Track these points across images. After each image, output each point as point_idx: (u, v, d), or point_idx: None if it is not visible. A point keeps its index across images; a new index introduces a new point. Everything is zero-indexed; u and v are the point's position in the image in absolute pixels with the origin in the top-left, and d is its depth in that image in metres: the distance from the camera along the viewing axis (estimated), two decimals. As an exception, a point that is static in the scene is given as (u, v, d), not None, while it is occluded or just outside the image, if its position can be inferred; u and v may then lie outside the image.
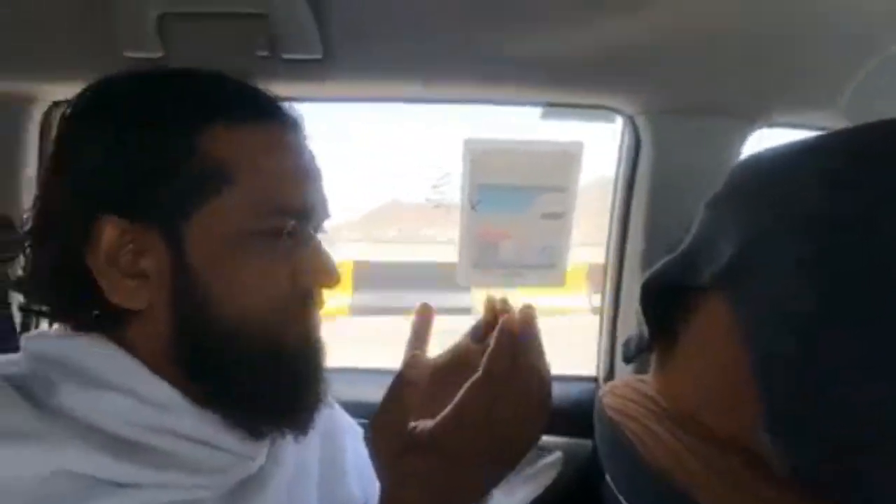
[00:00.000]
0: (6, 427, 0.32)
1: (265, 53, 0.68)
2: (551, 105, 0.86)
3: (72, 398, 0.35)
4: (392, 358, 0.47)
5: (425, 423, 0.38)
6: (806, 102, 0.78)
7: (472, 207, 0.50)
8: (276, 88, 0.74)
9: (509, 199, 0.53)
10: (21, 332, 0.86)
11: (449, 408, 0.37)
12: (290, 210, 0.39)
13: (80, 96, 0.39)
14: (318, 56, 0.68)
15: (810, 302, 0.23)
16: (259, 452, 0.41)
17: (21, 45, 0.74)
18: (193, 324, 0.37)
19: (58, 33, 0.72)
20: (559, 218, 0.53)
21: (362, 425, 0.58)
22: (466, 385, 0.37)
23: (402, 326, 0.45)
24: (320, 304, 0.43)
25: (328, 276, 0.42)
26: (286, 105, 0.42)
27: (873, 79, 0.70)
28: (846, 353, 0.22)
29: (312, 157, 0.43)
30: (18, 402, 0.34)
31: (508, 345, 0.38)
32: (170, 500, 0.35)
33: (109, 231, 0.35)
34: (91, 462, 0.33)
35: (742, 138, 0.80)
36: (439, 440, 0.37)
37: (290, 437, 0.41)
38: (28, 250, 0.39)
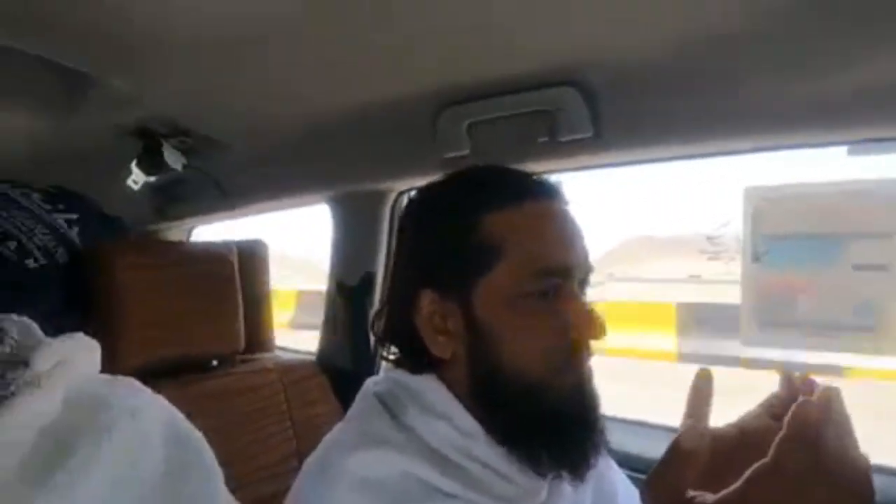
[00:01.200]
0: (379, 435, 0.45)
1: (545, 139, 0.82)
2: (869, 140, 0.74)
3: (414, 419, 0.46)
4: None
5: (704, 498, 0.37)
6: None
7: (756, 260, 0.48)
8: (554, 165, 0.88)
9: (807, 250, 0.48)
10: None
11: (732, 489, 0.36)
12: (555, 272, 0.46)
13: (410, 200, 0.56)
14: (589, 135, 0.78)
15: None
16: (541, 488, 0.47)
17: (380, 155, 1.08)
18: (484, 371, 0.46)
19: (401, 144, 1.03)
20: (883, 270, 0.45)
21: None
22: (752, 469, 0.35)
23: (740, 380, 0.42)
24: (589, 355, 0.47)
25: (592, 329, 0.46)
26: (548, 179, 0.51)
27: None
28: None
29: (573, 220, 0.49)
30: (384, 415, 0.47)
31: (801, 434, 0.34)
32: None
33: (425, 300, 0.47)
34: (427, 471, 0.43)
35: None
36: None
37: (567, 479, 0.46)
38: (385, 311, 0.53)
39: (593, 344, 0.47)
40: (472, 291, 0.46)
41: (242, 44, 0.72)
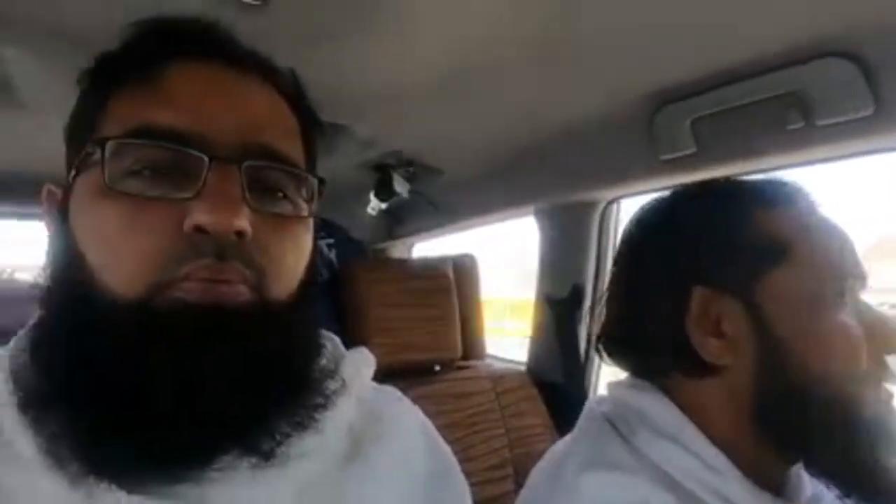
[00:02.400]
0: (612, 457, 0.43)
1: (798, 125, 0.68)
2: None
3: (646, 443, 0.43)
4: None
5: None
6: None
7: None
8: (812, 154, 0.73)
9: None
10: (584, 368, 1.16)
11: None
12: (852, 275, 0.42)
13: (657, 200, 0.51)
14: (868, 112, 0.62)
15: None
16: None
17: (589, 164, 1.04)
18: (775, 381, 0.41)
19: (612, 151, 0.98)
20: None
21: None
22: None
23: None
24: (891, 373, 0.42)
25: None
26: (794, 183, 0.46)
27: None
28: None
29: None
30: (614, 437, 0.45)
31: None
32: None
33: (695, 299, 0.43)
34: (666, 499, 0.39)
35: None
36: None
37: None
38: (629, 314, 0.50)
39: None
40: (755, 289, 0.42)
41: (459, 81, 0.79)
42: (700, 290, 0.43)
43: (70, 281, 0.30)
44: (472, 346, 1.31)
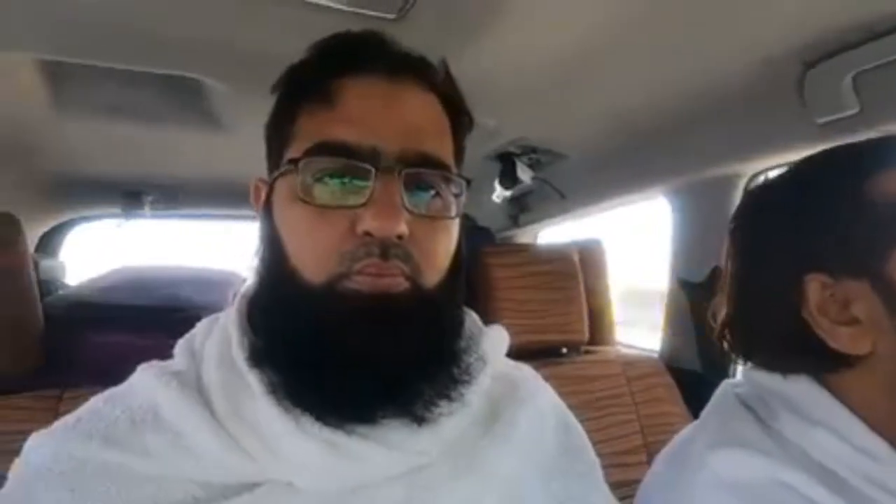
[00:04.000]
0: (743, 436, 0.42)
1: None
2: None
3: (788, 426, 0.42)
4: None
5: None
6: None
7: None
8: None
9: None
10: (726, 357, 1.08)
11: None
12: None
13: (765, 183, 0.48)
14: None
15: None
16: None
17: (729, 136, 0.96)
18: None
19: (757, 121, 0.90)
20: None
21: None
22: None
23: None
24: None
25: None
26: None
27: None
28: None
29: None
30: (748, 418, 0.44)
31: None
32: None
33: (811, 287, 0.40)
34: (808, 486, 0.38)
35: None
36: None
37: None
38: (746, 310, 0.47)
39: None
40: (883, 266, 0.38)
41: (582, 65, 0.80)
42: (815, 278, 0.40)
43: (273, 263, 0.38)
44: (600, 332, 1.29)
